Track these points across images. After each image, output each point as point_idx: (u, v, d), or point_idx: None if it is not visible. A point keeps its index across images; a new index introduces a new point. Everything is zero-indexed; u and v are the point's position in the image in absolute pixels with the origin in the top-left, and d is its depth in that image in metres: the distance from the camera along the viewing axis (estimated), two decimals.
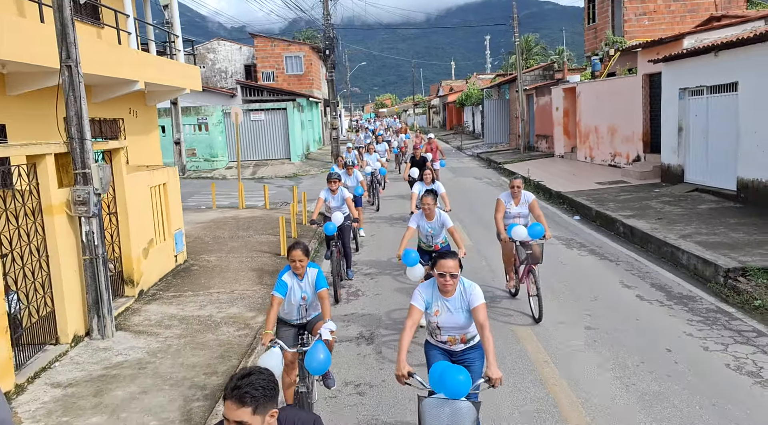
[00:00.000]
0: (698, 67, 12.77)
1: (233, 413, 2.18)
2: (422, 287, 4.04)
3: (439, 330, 4.02)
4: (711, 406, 4.81)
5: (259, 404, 2.20)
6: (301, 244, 4.75)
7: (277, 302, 4.65)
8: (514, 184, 7.24)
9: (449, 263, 3.84)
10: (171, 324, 7.27)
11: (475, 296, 3.89)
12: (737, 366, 5.49)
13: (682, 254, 8.69)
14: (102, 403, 5.25)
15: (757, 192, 10.88)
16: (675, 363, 5.61)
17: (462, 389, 3.21)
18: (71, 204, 6.50)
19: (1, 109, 8.03)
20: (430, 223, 6.77)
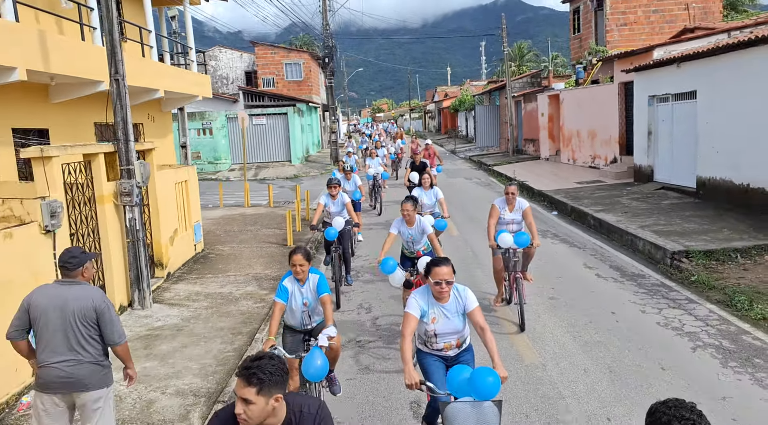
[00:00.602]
0: (664, 76, 14.12)
1: (240, 390, 2.40)
2: (417, 295, 4.01)
3: (436, 338, 3.99)
4: (638, 350, 6.09)
5: (263, 386, 2.39)
6: (302, 249, 4.76)
7: (279, 307, 4.69)
8: (509, 190, 7.17)
9: (444, 271, 3.83)
10: (198, 298, 8.52)
11: (470, 300, 3.93)
12: (665, 324, 6.78)
13: (639, 241, 9.99)
14: (152, 353, 6.50)
15: (713, 189, 12.21)
16: (616, 322, 6.89)
17: (493, 389, 3.27)
18: (118, 195, 7.76)
19: (44, 115, 9.27)
20: (411, 229, 6.78)
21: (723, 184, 11.83)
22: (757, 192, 10.77)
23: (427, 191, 9.29)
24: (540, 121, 24.56)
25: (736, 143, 11.32)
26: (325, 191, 9.23)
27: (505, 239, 6.84)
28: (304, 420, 2.59)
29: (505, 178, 20.16)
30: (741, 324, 6.60)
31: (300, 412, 2.61)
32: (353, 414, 5.14)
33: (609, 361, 5.87)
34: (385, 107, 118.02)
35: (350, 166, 12.44)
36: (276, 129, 28.03)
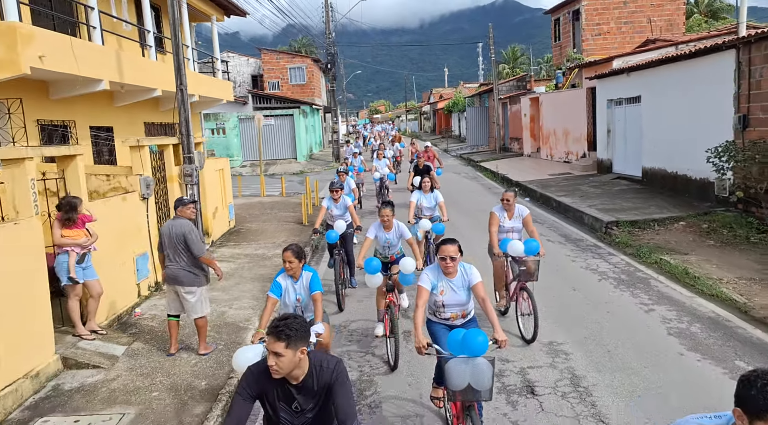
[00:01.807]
0: (618, 83, 16.71)
1: (272, 345, 2.79)
2: (428, 271, 4.54)
3: (444, 308, 4.54)
4: (562, 280, 8.65)
5: (291, 341, 2.80)
6: (292, 246, 5.02)
7: (272, 302, 4.92)
8: (505, 197, 6.91)
9: (450, 248, 4.40)
10: (239, 257, 11.07)
11: (474, 275, 4.47)
12: (586, 267, 9.34)
13: (585, 216, 12.57)
14: (216, 288, 9.02)
15: (653, 177, 14.79)
16: (556, 270, 9.42)
17: (482, 347, 3.77)
18: (182, 176, 10.29)
19: (110, 116, 11.82)
20: (389, 234, 6.90)
21: (660, 172, 14.42)
22: (682, 178, 13.35)
23: (427, 195, 9.26)
24: (523, 121, 27.16)
25: (668, 140, 13.89)
26: (328, 195, 9.26)
27: (516, 247, 6.45)
28: (324, 373, 3.01)
29: (490, 172, 22.74)
30: (639, 266, 9.18)
31: (320, 367, 3.02)
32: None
33: (539, 288, 8.42)
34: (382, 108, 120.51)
35: (344, 169, 12.37)
36: (283, 129, 30.56)
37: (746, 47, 10.84)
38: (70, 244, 6.46)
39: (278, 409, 3.07)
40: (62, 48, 8.57)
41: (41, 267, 5.97)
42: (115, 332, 7.19)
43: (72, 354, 6.25)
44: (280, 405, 3.07)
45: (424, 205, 9.23)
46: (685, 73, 13.13)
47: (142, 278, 8.54)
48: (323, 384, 3.02)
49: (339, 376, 3.02)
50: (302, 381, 3.00)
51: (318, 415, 3.13)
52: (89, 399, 5.54)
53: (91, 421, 5.13)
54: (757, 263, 8.61)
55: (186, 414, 5.24)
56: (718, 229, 10.50)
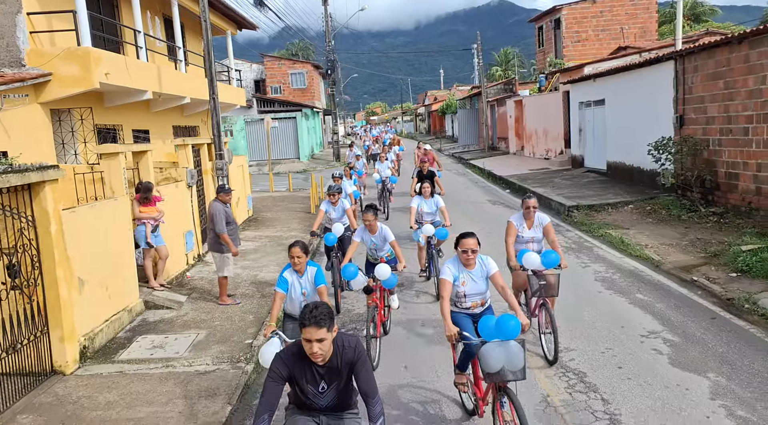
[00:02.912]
0: (587, 88, 18.92)
1: (315, 333, 3.13)
2: (450, 263, 4.81)
3: (465, 298, 4.81)
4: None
5: (329, 324, 3.18)
6: (299, 242, 5.25)
7: (279, 297, 5.16)
8: (529, 204, 6.38)
9: (470, 241, 4.69)
10: (260, 238, 13.21)
11: (492, 266, 4.79)
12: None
13: (552, 202, 14.75)
14: (246, 259, 11.16)
15: (615, 169, 16.99)
16: None
17: (515, 330, 4.03)
18: (214, 169, 12.43)
19: (147, 120, 13.94)
20: (373, 237, 7.05)
21: (620, 165, 16.62)
22: (636, 170, 15.54)
23: (428, 200, 9.19)
24: (509, 122, 29.36)
25: (626, 137, 16.08)
26: (326, 198, 9.37)
27: (531, 259, 5.96)
28: (346, 352, 3.31)
29: (478, 169, 24.91)
30: (587, 238, 11.37)
31: (342, 346, 3.32)
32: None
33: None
34: (378, 110, 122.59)
35: (339, 173, 12.05)
36: (286, 131, 32.70)
37: (681, 59, 13.04)
38: (147, 217, 8.62)
39: (306, 390, 3.38)
40: (120, 66, 10.74)
41: (129, 232, 8.12)
42: (175, 288, 9.33)
43: (150, 299, 8.40)
44: (308, 387, 3.36)
45: (424, 210, 9.18)
46: (637, 80, 15.32)
47: (189, 250, 10.70)
48: (346, 363, 3.33)
49: (360, 354, 3.34)
50: (328, 361, 3.29)
51: (340, 393, 3.44)
52: (170, 326, 7.70)
53: (177, 337, 7.28)
54: (680, 234, 10.80)
55: (242, 333, 7.38)
56: (657, 210, 12.70)
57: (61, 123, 10.54)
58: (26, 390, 5.80)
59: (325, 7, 30.55)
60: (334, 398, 3.42)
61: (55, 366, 6.23)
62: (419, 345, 6.82)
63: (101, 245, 7.26)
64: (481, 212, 15.14)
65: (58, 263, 6.18)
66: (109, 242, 7.48)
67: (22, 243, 5.88)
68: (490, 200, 17.12)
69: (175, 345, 7.04)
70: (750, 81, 10.67)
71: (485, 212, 15.17)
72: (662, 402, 5.05)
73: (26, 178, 5.76)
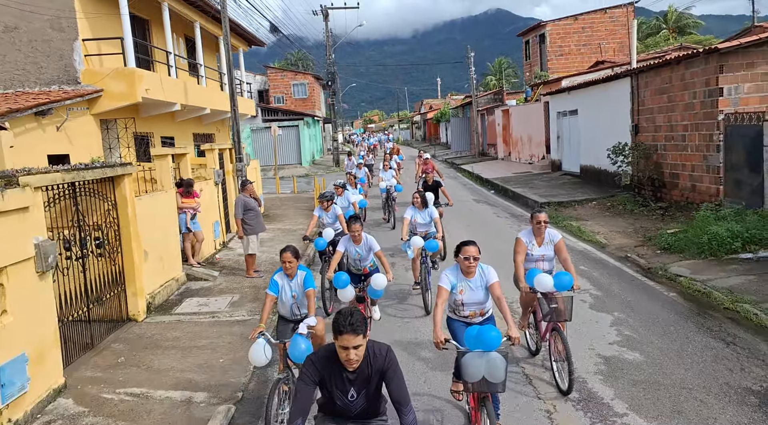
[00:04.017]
0: (563, 99, 21.02)
1: (352, 341, 3.12)
2: (449, 272, 4.76)
3: (463, 307, 4.81)
4: (496, 235, 12.83)
5: (364, 331, 3.17)
6: (290, 247, 5.39)
7: (270, 299, 5.31)
8: (540, 219, 6.00)
9: (471, 249, 4.66)
10: (274, 230, 15.21)
11: (492, 275, 4.75)
12: (518, 229, 13.47)
13: (528, 200, 16.80)
14: (263, 245, 13.14)
15: (587, 172, 19.07)
16: (486, 226, 13.59)
17: (495, 341, 4.10)
18: (234, 170, 14.45)
19: (172, 129, 15.98)
20: (358, 247, 7.00)
21: (591, 168, 18.70)
22: (603, 172, 17.61)
23: (421, 211, 8.97)
24: (497, 130, 31.48)
25: (595, 143, 18.16)
26: (319, 205, 9.52)
27: (544, 282, 5.58)
28: (377, 359, 3.32)
29: (468, 173, 26.96)
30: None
31: (373, 353, 3.32)
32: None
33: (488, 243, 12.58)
34: (376, 118, 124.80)
35: (342, 183, 11.87)
36: (289, 138, 34.77)
37: (636, 76, 15.15)
38: (187, 207, 10.63)
39: (335, 396, 3.34)
40: (156, 82, 12.80)
41: (175, 218, 10.14)
42: (208, 266, 11.33)
43: (190, 273, 10.40)
44: (337, 393, 3.33)
45: (418, 221, 8.94)
46: (604, 93, 17.42)
47: (216, 237, 12.71)
48: (377, 370, 3.29)
49: (391, 362, 3.29)
50: (358, 368, 3.25)
51: (370, 400, 3.40)
52: (209, 291, 9.70)
53: (217, 298, 9.28)
54: (629, 224, 12.84)
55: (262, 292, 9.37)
56: (616, 205, 14.75)
57: (109, 131, 12.58)
58: (112, 330, 7.80)
59: (326, 23, 32.74)
60: (364, 405, 3.40)
61: (130, 315, 8.23)
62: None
63: (157, 227, 9.26)
64: (465, 209, 17.16)
65: (132, 237, 8.19)
66: (162, 225, 9.49)
67: (107, 221, 7.89)
68: (475, 199, 19.18)
69: (216, 303, 9.05)
70: (686, 96, 12.76)
71: (469, 210, 17.20)
72: (579, 329, 7.06)
73: (113, 171, 7.78)
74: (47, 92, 11.25)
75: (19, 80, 11.89)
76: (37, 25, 11.72)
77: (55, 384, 5.90)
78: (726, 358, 6.01)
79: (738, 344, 6.34)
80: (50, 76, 11.98)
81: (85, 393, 6.00)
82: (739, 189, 11.15)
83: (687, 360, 6.03)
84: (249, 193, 10.91)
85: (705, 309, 7.49)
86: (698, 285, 8.12)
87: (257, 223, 10.77)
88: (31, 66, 11.94)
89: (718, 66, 11.51)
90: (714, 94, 11.68)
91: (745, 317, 7.00)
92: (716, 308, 7.45)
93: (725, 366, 5.83)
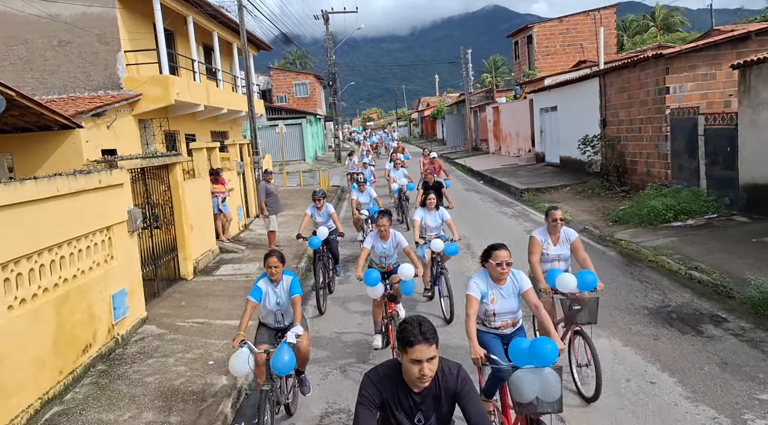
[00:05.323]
0: (545, 97, 23.11)
1: (427, 352, 2.70)
2: (477, 278, 4.39)
3: (494, 317, 4.41)
4: (481, 217, 14.92)
5: (436, 341, 2.78)
6: (276, 252, 5.30)
7: (251, 306, 5.08)
8: (555, 216, 5.69)
9: (504, 253, 4.26)
10: (286, 215, 17.26)
11: (525, 281, 4.35)
12: (500, 212, 15.63)
13: (511, 187, 18.90)
14: (280, 227, 15.23)
15: (565, 162, 21.17)
16: (477, 212, 15.69)
17: (552, 355, 3.63)
18: (252, 162, 16.53)
19: (194, 127, 18.04)
20: (385, 244, 6.79)
21: (568, 159, 20.80)
22: (577, 161, 19.68)
23: (431, 213, 8.37)
24: (488, 126, 33.55)
25: (571, 136, 20.23)
26: (311, 203, 9.63)
27: (567, 282, 5.26)
28: (448, 379, 2.91)
29: (461, 166, 29.04)
30: (528, 209, 15.51)
31: (442, 372, 2.89)
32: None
33: (473, 222, 14.67)
34: (374, 116, 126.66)
35: (364, 178, 12.42)
36: (293, 136, 36.83)
37: (603, 76, 17.24)
38: (218, 192, 12.72)
39: (400, 421, 2.94)
40: (185, 87, 14.87)
41: (210, 201, 12.22)
42: (236, 242, 13.42)
43: (222, 246, 12.49)
44: (401, 417, 2.93)
45: (428, 224, 8.35)
46: (579, 91, 19.51)
47: (240, 219, 14.80)
48: (447, 391, 2.92)
49: (464, 382, 2.91)
50: (425, 389, 2.88)
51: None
52: (240, 260, 11.79)
53: (248, 265, 11.38)
54: (593, 204, 14.94)
55: (290, 263, 11.45)
56: (586, 190, 16.85)
57: (146, 129, 14.66)
58: (170, 285, 9.89)
59: (326, 26, 34.79)
60: None
61: (181, 275, 10.32)
62: None
63: (197, 207, 11.35)
64: (455, 197, 19.20)
65: (183, 213, 10.28)
66: (200, 206, 11.58)
67: (164, 200, 9.97)
68: (465, 188, 21.28)
69: (246, 268, 11.14)
70: (641, 94, 14.85)
71: (458, 197, 19.27)
72: None
73: (170, 160, 9.87)
74: (99, 97, 13.31)
75: (71, 87, 13.96)
76: (86, 39, 13.79)
77: (141, 315, 8.00)
78: (636, 290, 8.13)
79: (648, 282, 8.45)
80: (97, 82, 14.05)
81: (162, 322, 8.10)
82: (682, 172, 13.25)
83: (608, 291, 8.11)
84: (269, 180, 13.00)
85: (633, 262, 9.61)
86: (632, 245, 10.23)
87: (276, 205, 12.86)
88: (81, 74, 14.01)
89: (665, 68, 13.60)
90: (662, 92, 13.77)
91: (660, 265, 9.11)
92: (642, 261, 9.56)
93: (634, 295, 7.95)
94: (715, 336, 6.36)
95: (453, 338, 6.90)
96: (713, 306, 7.26)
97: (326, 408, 5.60)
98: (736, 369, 5.51)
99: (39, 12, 13.22)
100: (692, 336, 6.42)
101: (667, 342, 6.32)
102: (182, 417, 5.39)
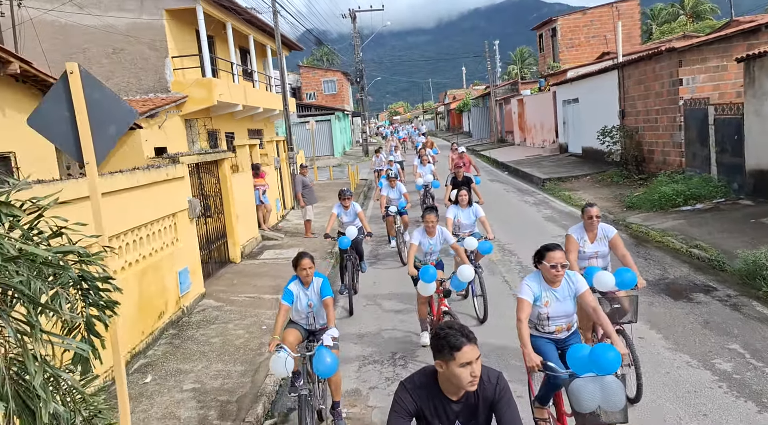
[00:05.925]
0: (567, 89, 23.74)
1: (472, 353, 2.66)
2: (529, 280, 4.21)
3: (548, 321, 4.21)
4: (507, 206, 15.80)
5: (477, 341, 2.73)
6: (307, 254, 5.25)
7: (284, 309, 5.08)
8: (591, 213, 5.50)
9: (558, 254, 4.07)
10: (318, 207, 18.42)
11: (581, 282, 4.19)
12: (523, 201, 16.47)
13: (534, 177, 19.69)
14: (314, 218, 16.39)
15: (587, 153, 21.82)
16: (508, 203, 16.56)
17: (614, 363, 3.46)
18: (287, 157, 17.71)
19: (232, 125, 19.30)
20: (432, 240, 6.74)
21: (590, 149, 21.45)
22: (599, 151, 20.33)
23: (465, 210, 8.17)
24: (513, 118, 34.18)
25: (592, 127, 20.88)
26: (338, 202, 9.55)
27: (605, 280, 5.06)
28: (486, 387, 2.80)
29: (486, 157, 29.81)
30: (549, 197, 16.32)
31: (481, 380, 2.76)
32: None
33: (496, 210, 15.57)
34: (401, 110, 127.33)
35: (395, 173, 12.38)
36: (322, 131, 38.01)
37: (621, 69, 17.88)
38: (259, 185, 13.90)
39: None
40: (226, 88, 16.09)
41: (252, 193, 13.41)
42: (276, 231, 14.61)
43: (264, 234, 13.68)
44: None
45: (462, 221, 8.16)
46: (598, 83, 20.15)
47: (278, 210, 16.00)
48: (485, 400, 2.82)
49: (504, 392, 2.81)
50: (464, 395, 2.80)
51: None
52: (280, 247, 12.96)
53: (288, 250, 12.52)
54: (611, 192, 15.68)
55: (324, 249, 12.58)
56: (605, 179, 17.57)
57: (191, 128, 15.95)
58: (221, 267, 11.09)
59: (354, 24, 35.82)
60: None
61: (230, 259, 11.52)
62: None
63: (243, 198, 12.53)
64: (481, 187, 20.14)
65: (231, 203, 11.47)
66: (245, 197, 12.77)
67: (215, 191, 11.17)
68: (490, 179, 22.12)
69: (288, 253, 12.28)
70: (656, 85, 15.50)
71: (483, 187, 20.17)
72: None
73: (220, 155, 11.05)
74: (151, 100, 14.62)
75: (125, 90, 15.30)
76: (138, 47, 15.11)
77: (200, 291, 9.20)
78: (640, 266, 8.96)
79: (652, 259, 9.30)
80: (147, 86, 15.37)
81: (218, 298, 9.29)
82: (695, 160, 13.92)
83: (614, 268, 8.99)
84: (304, 174, 14.13)
85: (642, 242, 10.44)
86: (642, 228, 11.04)
87: (311, 196, 14.00)
88: (133, 79, 15.35)
89: (678, 61, 14.25)
90: (676, 84, 14.43)
91: (666, 245, 9.93)
92: (649, 242, 10.38)
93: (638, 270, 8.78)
94: (702, 302, 7.22)
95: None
96: (707, 278, 8.09)
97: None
98: (715, 327, 6.39)
99: (96, 23, 14.58)
100: (683, 302, 7.30)
101: (660, 307, 7.21)
102: (245, 367, 6.53)
